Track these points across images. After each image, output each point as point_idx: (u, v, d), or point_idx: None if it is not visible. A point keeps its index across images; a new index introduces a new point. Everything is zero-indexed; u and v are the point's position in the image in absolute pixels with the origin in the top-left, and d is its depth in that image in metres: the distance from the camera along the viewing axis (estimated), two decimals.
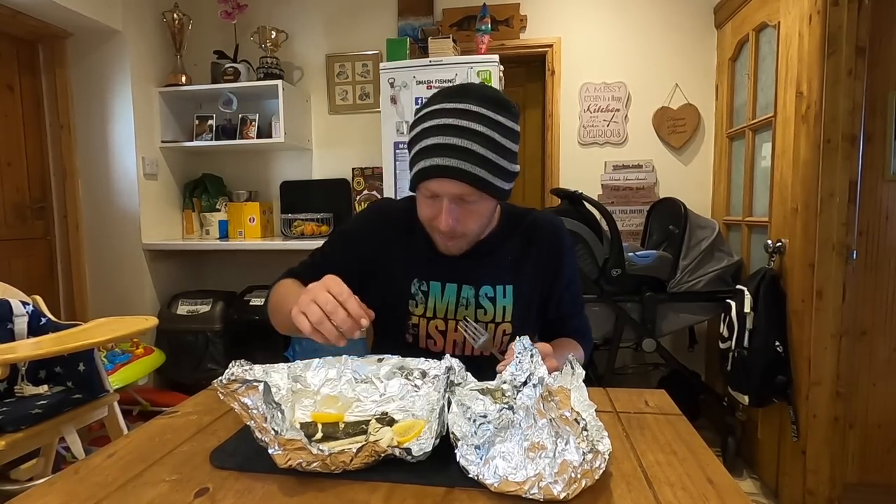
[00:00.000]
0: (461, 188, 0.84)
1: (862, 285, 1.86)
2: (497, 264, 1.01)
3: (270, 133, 2.83)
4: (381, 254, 1.01)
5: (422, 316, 0.99)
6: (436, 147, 0.83)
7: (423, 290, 0.99)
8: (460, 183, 0.83)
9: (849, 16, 1.70)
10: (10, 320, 1.70)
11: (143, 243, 2.72)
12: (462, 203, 0.87)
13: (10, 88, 2.46)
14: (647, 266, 2.20)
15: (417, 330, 1.00)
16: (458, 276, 0.99)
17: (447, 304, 0.99)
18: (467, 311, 0.99)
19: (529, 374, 0.70)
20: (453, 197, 0.86)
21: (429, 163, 0.84)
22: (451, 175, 0.82)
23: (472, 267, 0.99)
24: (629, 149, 2.80)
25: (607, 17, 2.77)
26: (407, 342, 1.01)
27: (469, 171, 0.82)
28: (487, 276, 1.00)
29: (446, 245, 0.95)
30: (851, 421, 1.90)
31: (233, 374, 0.66)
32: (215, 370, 2.63)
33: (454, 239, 0.93)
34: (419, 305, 0.99)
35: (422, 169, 0.85)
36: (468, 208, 0.88)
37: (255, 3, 2.96)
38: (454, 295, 0.99)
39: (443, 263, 0.99)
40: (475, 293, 0.99)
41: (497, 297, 0.99)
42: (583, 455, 0.56)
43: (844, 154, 1.73)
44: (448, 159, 0.82)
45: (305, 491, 0.59)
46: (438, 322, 0.99)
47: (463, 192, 0.85)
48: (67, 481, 0.63)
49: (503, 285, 1.00)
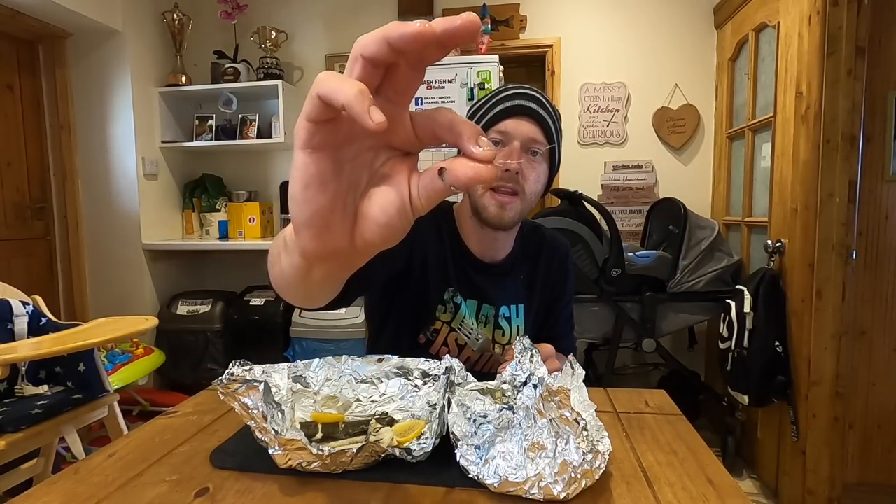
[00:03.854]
0: (535, 131, 0.88)
1: (861, 285, 1.86)
2: (514, 284, 1.02)
3: (270, 133, 2.83)
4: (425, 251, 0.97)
5: (447, 324, 0.98)
6: (514, 96, 0.90)
7: (454, 301, 0.98)
8: (536, 126, 0.88)
9: (848, 16, 1.70)
10: (10, 320, 1.70)
11: (143, 243, 2.72)
12: (528, 155, 0.90)
13: (10, 88, 2.46)
14: (646, 266, 2.20)
15: (436, 336, 0.99)
16: (479, 293, 0.99)
17: (472, 322, 0.99)
18: (485, 328, 0.99)
19: (529, 374, 0.70)
20: (526, 141, 0.89)
21: (509, 104, 0.89)
22: (529, 114, 0.88)
23: (493, 286, 1.00)
24: (629, 149, 2.80)
25: (607, 18, 2.77)
26: (419, 342, 1.00)
27: (544, 116, 0.89)
28: (505, 297, 1.01)
29: (503, 207, 0.90)
30: (851, 421, 1.91)
31: (233, 374, 0.67)
32: (215, 370, 2.63)
33: (513, 199, 0.89)
34: (447, 313, 0.98)
35: (499, 111, 0.89)
36: (532, 163, 0.90)
37: (255, 3, 2.96)
38: (474, 312, 0.99)
39: (466, 279, 0.99)
40: (495, 313, 1.00)
41: (512, 317, 1.01)
42: (583, 455, 0.56)
43: (844, 154, 1.73)
44: (527, 101, 0.89)
45: (305, 491, 0.59)
46: (460, 336, 0.98)
47: (535, 137, 0.89)
48: (67, 481, 0.63)
49: (516, 305, 1.01)
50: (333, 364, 0.83)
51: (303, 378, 0.81)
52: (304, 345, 2.56)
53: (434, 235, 0.99)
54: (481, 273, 0.99)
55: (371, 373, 0.83)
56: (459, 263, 0.98)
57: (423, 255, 0.96)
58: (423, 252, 0.96)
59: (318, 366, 0.83)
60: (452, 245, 0.99)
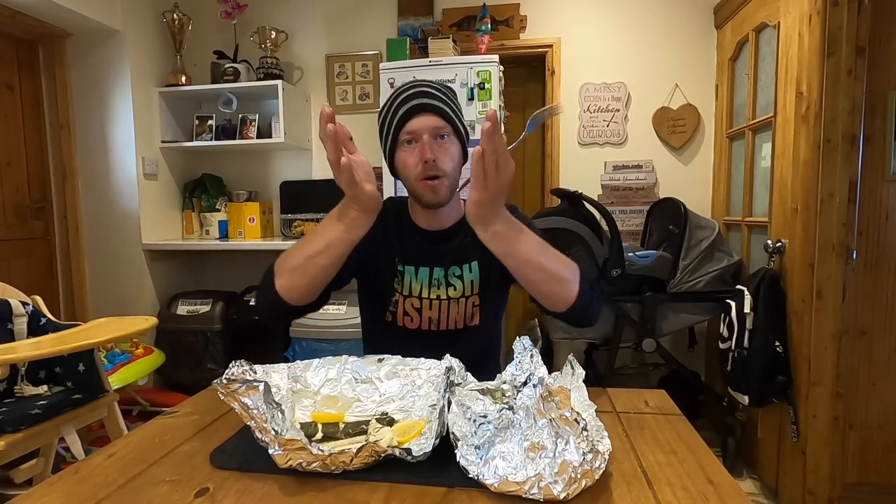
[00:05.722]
0: (437, 121, 1.01)
1: (862, 285, 1.86)
2: (462, 246, 1.12)
3: (270, 133, 2.83)
4: (378, 240, 1.09)
5: (400, 293, 1.11)
6: (409, 97, 1.02)
7: (399, 271, 1.11)
8: (434, 116, 1.01)
9: (849, 16, 1.70)
10: (9, 320, 1.70)
11: (143, 243, 2.72)
12: (438, 141, 1.02)
13: (10, 88, 2.46)
14: (647, 266, 2.20)
15: (397, 307, 1.11)
16: (430, 259, 1.11)
17: (421, 285, 1.11)
18: (439, 290, 1.11)
19: (529, 374, 0.71)
20: (431, 132, 1.01)
21: (406, 106, 1.01)
22: (428, 110, 1.01)
23: (441, 250, 1.12)
24: (629, 149, 2.80)
25: (607, 18, 2.77)
26: (386, 321, 1.12)
27: (439, 106, 1.02)
28: (455, 257, 1.12)
29: (433, 191, 1.03)
30: (851, 421, 1.90)
31: (233, 374, 0.67)
32: (215, 370, 2.63)
33: (439, 181, 1.02)
34: (399, 283, 1.11)
35: (401, 115, 1.01)
36: (443, 146, 1.02)
37: (255, 3, 2.96)
38: (427, 277, 1.11)
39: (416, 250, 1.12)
40: (444, 273, 1.11)
41: (464, 274, 1.11)
42: (583, 455, 0.56)
43: (844, 154, 1.73)
44: (421, 99, 1.01)
45: (305, 491, 0.59)
46: (414, 300, 1.11)
47: (439, 126, 1.01)
48: (67, 481, 0.63)
49: (468, 262, 1.11)
50: (333, 364, 0.83)
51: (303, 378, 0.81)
52: (304, 345, 2.56)
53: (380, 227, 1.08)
54: (429, 241, 1.12)
55: (371, 373, 0.83)
56: (411, 238, 1.13)
57: (376, 245, 1.09)
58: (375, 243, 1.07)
59: (318, 366, 0.83)
60: (402, 227, 1.14)
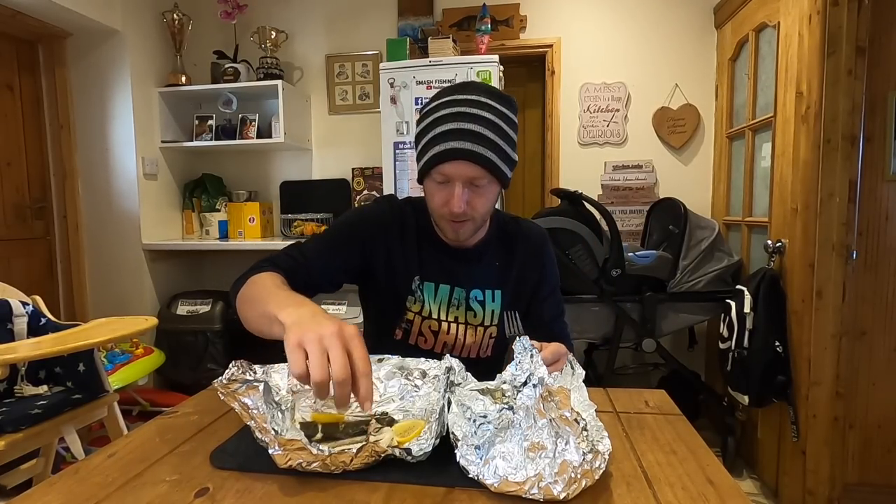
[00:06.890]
0: (475, 170, 0.88)
1: (862, 285, 1.86)
2: (487, 269, 1.04)
3: (270, 133, 2.83)
4: (387, 249, 1.01)
5: (418, 314, 1.01)
6: (451, 132, 0.87)
7: (420, 289, 1.01)
8: (474, 165, 0.87)
9: (849, 16, 1.70)
10: (9, 320, 1.70)
11: (142, 243, 2.72)
12: (472, 187, 0.90)
13: (10, 88, 2.46)
14: (647, 266, 2.20)
15: (411, 326, 1.02)
16: (452, 278, 1.02)
17: (440, 305, 1.02)
18: (458, 311, 1.02)
19: (529, 374, 0.70)
20: (466, 180, 0.89)
21: (444, 146, 0.87)
22: (467, 157, 0.87)
23: (464, 270, 1.03)
24: (629, 149, 2.80)
25: (607, 18, 2.77)
26: (395, 338, 1.03)
27: (482, 154, 0.87)
28: (478, 280, 1.03)
29: (455, 231, 0.96)
30: (851, 421, 1.90)
31: (233, 374, 0.66)
32: (215, 370, 2.63)
33: (463, 224, 0.94)
34: (417, 303, 1.01)
35: (438, 153, 0.88)
36: (478, 192, 0.92)
37: (255, 3, 2.96)
38: (447, 296, 1.02)
39: (438, 265, 1.02)
40: (465, 296, 1.02)
41: (486, 301, 1.03)
42: (583, 455, 0.56)
43: (844, 154, 1.73)
44: (463, 142, 0.86)
45: (305, 491, 0.59)
46: (432, 322, 1.02)
47: (476, 175, 0.88)
48: (67, 481, 0.62)
49: (492, 290, 1.03)
50: None
51: None
52: None
53: (396, 235, 1.02)
54: (452, 258, 1.02)
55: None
56: (431, 251, 1.02)
57: (387, 256, 1.01)
58: (386, 253, 1.01)
59: None
60: (423, 237, 1.03)
